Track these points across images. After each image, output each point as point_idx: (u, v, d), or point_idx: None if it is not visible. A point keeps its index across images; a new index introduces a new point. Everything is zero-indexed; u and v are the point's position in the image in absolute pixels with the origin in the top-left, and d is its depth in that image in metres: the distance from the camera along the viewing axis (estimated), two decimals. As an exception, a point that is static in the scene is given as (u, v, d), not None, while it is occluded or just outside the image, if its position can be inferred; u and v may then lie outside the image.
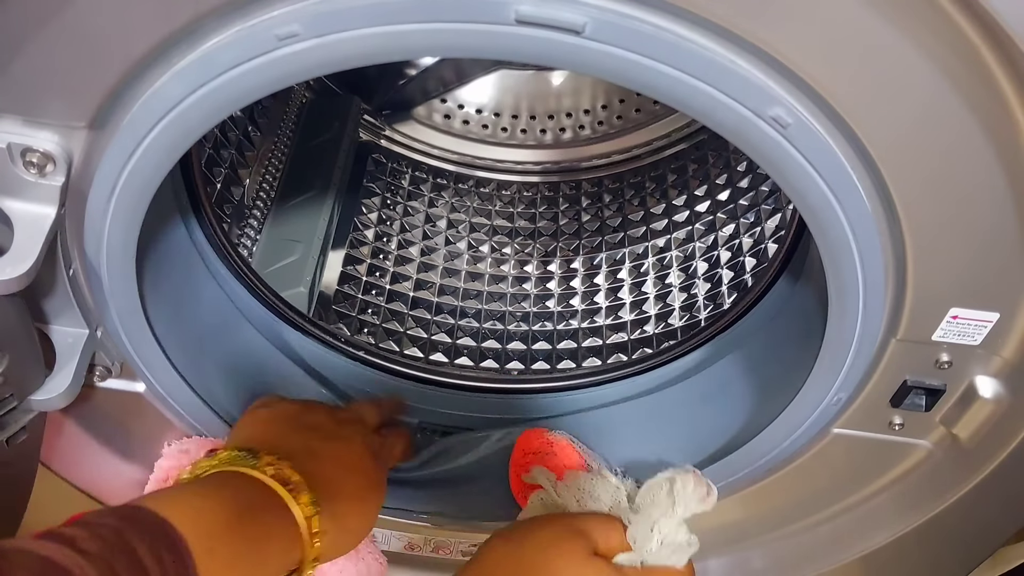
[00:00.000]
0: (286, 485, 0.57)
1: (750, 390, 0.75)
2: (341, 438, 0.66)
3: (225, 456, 0.59)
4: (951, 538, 0.74)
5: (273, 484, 0.57)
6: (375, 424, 0.73)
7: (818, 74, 0.45)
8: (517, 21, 0.44)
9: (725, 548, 0.81)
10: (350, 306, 1.02)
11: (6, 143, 0.50)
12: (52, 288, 0.59)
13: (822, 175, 0.49)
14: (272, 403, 0.70)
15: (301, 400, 0.71)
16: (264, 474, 0.57)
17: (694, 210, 1.08)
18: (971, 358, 0.60)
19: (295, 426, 0.66)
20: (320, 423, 0.67)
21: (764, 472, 0.72)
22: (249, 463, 0.58)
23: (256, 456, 0.59)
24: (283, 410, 0.68)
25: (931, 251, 0.53)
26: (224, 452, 0.60)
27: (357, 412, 0.73)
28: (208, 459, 0.60)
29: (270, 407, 0.69)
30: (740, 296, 0.92)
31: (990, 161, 0.48)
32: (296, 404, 0.69)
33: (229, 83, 0.47)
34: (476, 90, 1.18)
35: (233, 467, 0.58)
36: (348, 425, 0.68)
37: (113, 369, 0.67)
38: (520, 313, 1.07)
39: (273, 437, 0.64)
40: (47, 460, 0.74)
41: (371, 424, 0.72)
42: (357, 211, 1.11)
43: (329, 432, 0.66)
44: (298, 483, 0.58)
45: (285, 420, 0.67)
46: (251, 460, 0.58)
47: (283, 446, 0.61)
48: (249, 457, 0.58)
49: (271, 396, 0.73)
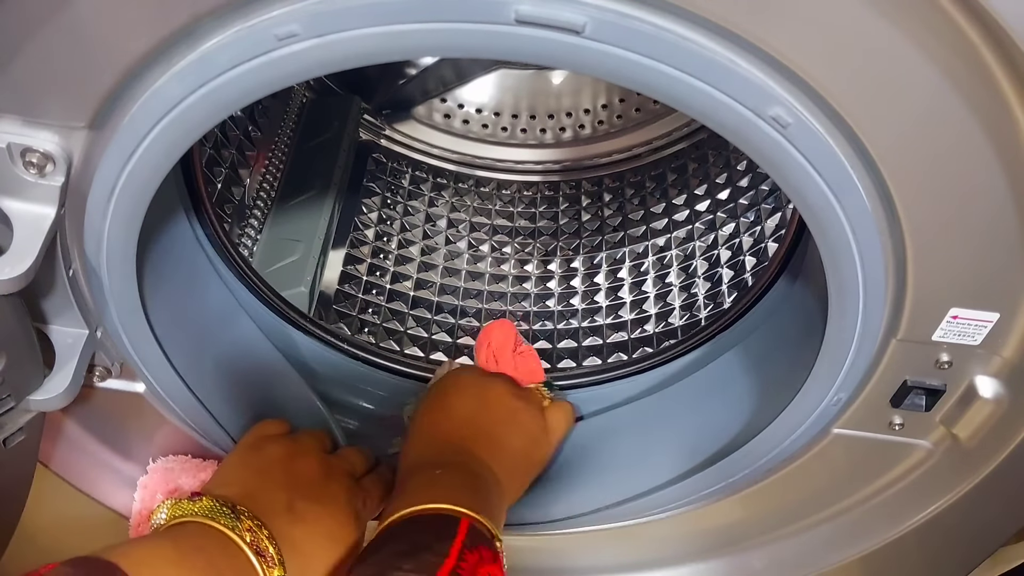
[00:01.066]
0: (261, 557, 0.58)
1: (750, 390, 0.74)
2: (326, 499, 0.66)
3: (207, 505, 0.60)
4: (951, 538, 0.74)
5: (248, 553, 0.58)
6: (363, 470, 0.74)
7: (818, 74, 0.45)
8: (517, 21, 0.44)
9: (725, 548, 0.81)
10: (351, 305, 1.02)
11: (6, 143, 0.50)
12: (52, 288, 0.59)
13: (822, 175, 0.49)
14: (266, 443, 0.70)
15: (293, 441, 0.71)
16: (242, 539, 0.58)
17: (694, 209, 1.08)
18: (971, 358, 0.60)
19: (283, 477, 0.66)
20: (309, 477, 0.68)
21: (764, 472, 0.72)
22: (229, 521, 0.59)
23: (238, 516, 0.59)
24: (274, 456, 0.69)
25: (931, 251, 0.53)
26: (207, 500, 0.60)
27: (346, 458, 0.73)
28: (191, 502, 0.60)
29: (262, 452, 0.69)
30: (740, 295, 0.92)
31: (990, 161, 0.48)
32: (287, 446, 0.70)
33: (228, 83, 0.47)
34: (476, 90, 1.18)
35: (212, 521, 0.58)
36: (336, 480, 0.69)
37: (113, 369, 0.67)
38: (520, 312, 1.07)
39: (259, 488, 0.64)
40: (46, 460, 0.74)
41: (359, 471, 0.73)
42: (357, 211, 1.11)
43: (315, 490, 0.67)
44: (272, 557, 0.59)
45: (275, 468, 0.67)
46: (231, 520, 0.59)
47: (267, 501, 0.63)
48: (230, 515, 0.59)
49: (272, 423, 0.73)
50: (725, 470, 0.71)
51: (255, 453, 0.69)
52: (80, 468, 0.76)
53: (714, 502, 0.76)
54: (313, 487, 0.67)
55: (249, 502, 0.61)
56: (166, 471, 0.74)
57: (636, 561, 0.82)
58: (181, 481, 0.73)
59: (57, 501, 0.76)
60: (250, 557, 0.58)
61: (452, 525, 0.55)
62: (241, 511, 0.60)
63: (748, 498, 0.75)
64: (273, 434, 0.72)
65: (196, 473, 0.74)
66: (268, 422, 0.74)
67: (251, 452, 0.70)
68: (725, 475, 0.72)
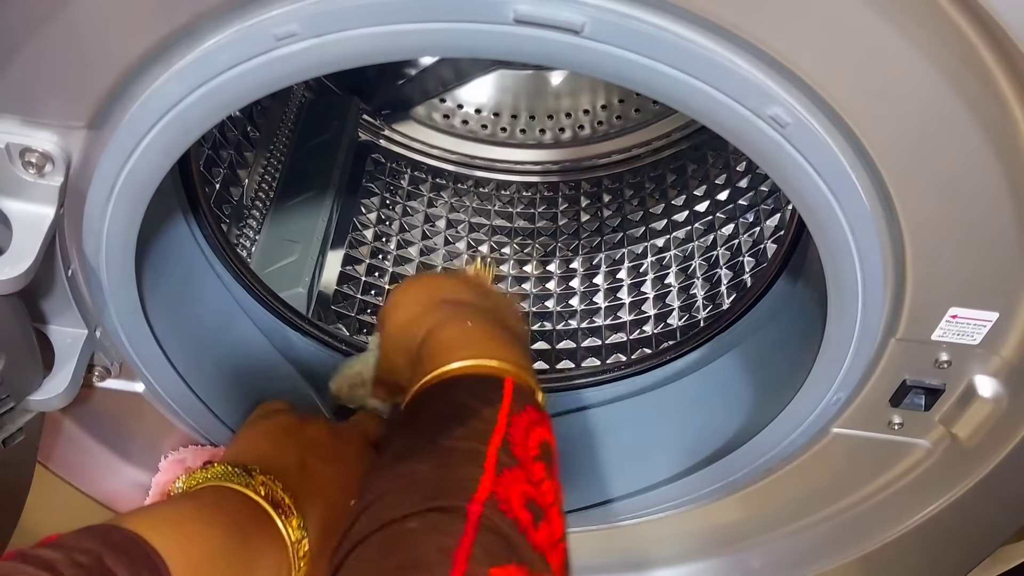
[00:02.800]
0: (277, 507, 0.58)
1: (749, 390, 0.74)
2: (337, 458, 0.66)
3: (220, 470, 0.59)
4: (950, 537, 0.75)
5: (264, 504, 0.57)
6: (375, 437, 0.73)
7: (817, 74, 0.45)
8: (516, 21, 0.44)
9: (725, 548, 0.81)
10: (349, 306, 1.02)
11: (5, 143, 0.50)
12: (51, 288, 0.59)
13: (821, 175, 0.49)
14: (273, 413, 0.70)
15: (302, 412, 0.71)
16: (256, 494, 0.58)
17: (693, 210, 1.08)
18: (970, 357, 0.60)
19: (293, 440, 0.66)
20: (319, 438, 0.67)
21: (763, 472, 0.72)
22: (242, 480, 0.58)
23: (250, 474, 0.59)
24: (283, 422, 0.68)
25: (930, 250, 0.53)
26: (219, 466, 0.60)
27: (358, 424, 0.73)
28: (203, 471, 0.60)
29: (270, 419, 0.69)
30: (739, 296, 0.92)
31: (989, 161, 0.48)
32: (296, 415, 0.70)
33: (228, 83, 0.47)
34: (475, 90, 1.18)
35: (227, 483, 0.58)
36: (346, 442, 0.68)
37: (112, 369, 0.67)
38: (519, 313, 1.07)
39: (270, 451, 0.64)
40: (46, 460, 0.74)
41: (371, 437, 0.72)
42: (356, 211, 1.11)
43: (326, 450, 0.66)
44: (289, 506, 0.58)
45: (284, 433, 0.67)
46: (245, 478, 0.59)
47: (279, 461, 0.62)
48: (243, 474, 0.59)
49: (275, 402, 0.73)
50: (724, 469, 0.71)
51: (264, 421, 0.69)
52: (80, 468, 0.76)
53: (713, 501, 0.76)
54: (324, 447, 0.66)
55: (261, 464, 0.61)
56: (177, 462, 0.74)
57: (635, 560, 0.82)
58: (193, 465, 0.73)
59: (57, 501, 0.76)
60: (267, 509, 0.57)
61: (496, 387, 0.50)
62: (253, 469, 0.59)
63: (747, 497, 0.75)
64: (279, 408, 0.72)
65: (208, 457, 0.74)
66: (272, 401, 0.73)
67: (260, 421, 0.69)
68: (724, 474, 0.72)
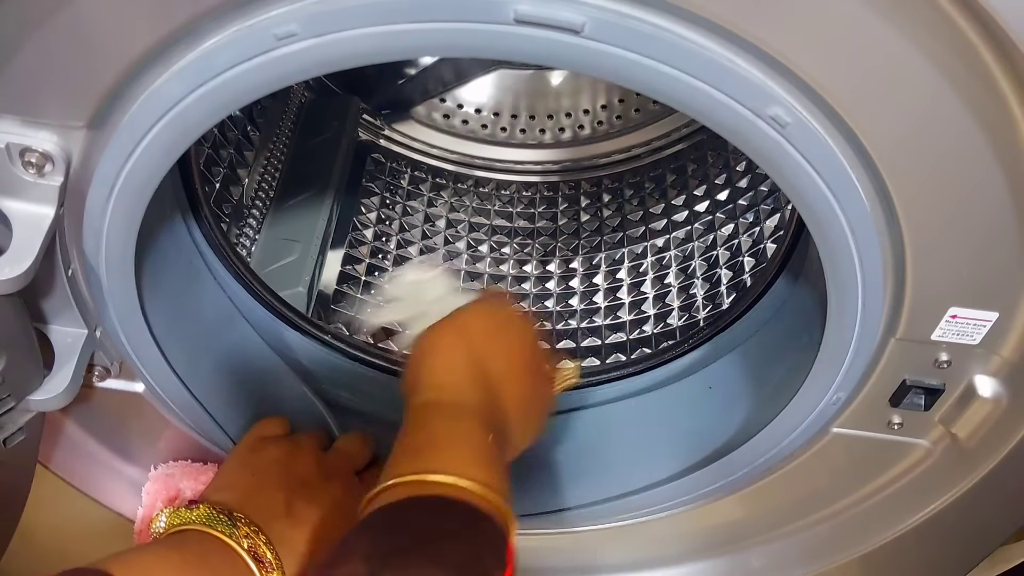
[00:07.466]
0: (259, 563, 0.59)
1: (749, 389, 0.75)
2: (325, 499, 0.66)
3: (204, 513, 0.60)
4: (950, 537, 0.75)
5: (247, 559, 0.58)
6: (363, 462, 0.74)
7: (817, 73, 0.45)
8: (516, 20, 0.44)
9: (725, 548, 0.81)
10: (349, 306, 1.02)
11: (5, 143, 0.50)
12: (51, 288, 0.59)
13: (821, 174, 0.49)
14: (264, 444, 0.70)
15: (291, 442, 0.71)
16: (239, 546, 0.59)
17: (693, 210, 1.08)
18: (970, 357, 0.60)
19: (281, 479, 0.67)
20: (306, 476, 0.68)
21: (763, 471, 0.72)
22: (226, 528, 0.59)
23: (233, 522, 0.60)
24: (273, 456, 0.69)
25: (930, 250, 0.53)
26: (204, 507, 0.61)
27: (345, 451, 0.73)
28: (188, 510, 0.61)
29: (259, 453, 0.69)
30: (739, 296, 0.92)
31: (989, 161, 0.48)
32: (285, 448, 0.70)
33: (228, 83, 0.47)
34: (475, 90, 1.18)
35: (210, 529, 0.59)
36: (334, 477, 0.69)
37: (112, 369, 0.67)
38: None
39: (256, 491, 0.65)
40: (46, 460, 0.74)
41: (359, 463, 0.73)
42: (356, 211, 1.11)
43: (313, 490, 0.67)
44: (271, 562, 0.60)
45: (272, 469, 0.67)
46: (229, 527, 0.59)
47: (265, 503, 0.63)
48: (227, 522, 0.60)
49: (271, 422, 0.74)
50: (724, 468, 0.71)
51: (252, 455, 0.69)
52: (80, 468, 0.76)
53: (713, 501, 0.76)
54: (311, 488, 0.67)
55: (247, 506, 0.62)
56: (166, 477, 0.74)
57: (635, 560, 0.82)
58: (182, 486, 0.74)
59: (57, 501, 0.76)
60: (249, 564, 0.58)
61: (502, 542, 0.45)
62: (238, 517, 0.60)
63: (747, 497, 0.75)
64: (271, 435, 0.72)
65: (196, 477, 0.74)
66: (267, 421, 0.74)
67: (248, 454, 0.70)
68: (724, 473, 0.72)
